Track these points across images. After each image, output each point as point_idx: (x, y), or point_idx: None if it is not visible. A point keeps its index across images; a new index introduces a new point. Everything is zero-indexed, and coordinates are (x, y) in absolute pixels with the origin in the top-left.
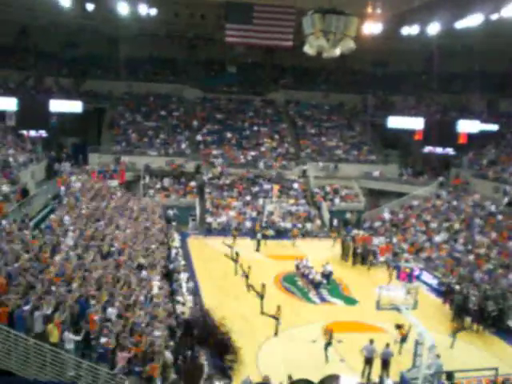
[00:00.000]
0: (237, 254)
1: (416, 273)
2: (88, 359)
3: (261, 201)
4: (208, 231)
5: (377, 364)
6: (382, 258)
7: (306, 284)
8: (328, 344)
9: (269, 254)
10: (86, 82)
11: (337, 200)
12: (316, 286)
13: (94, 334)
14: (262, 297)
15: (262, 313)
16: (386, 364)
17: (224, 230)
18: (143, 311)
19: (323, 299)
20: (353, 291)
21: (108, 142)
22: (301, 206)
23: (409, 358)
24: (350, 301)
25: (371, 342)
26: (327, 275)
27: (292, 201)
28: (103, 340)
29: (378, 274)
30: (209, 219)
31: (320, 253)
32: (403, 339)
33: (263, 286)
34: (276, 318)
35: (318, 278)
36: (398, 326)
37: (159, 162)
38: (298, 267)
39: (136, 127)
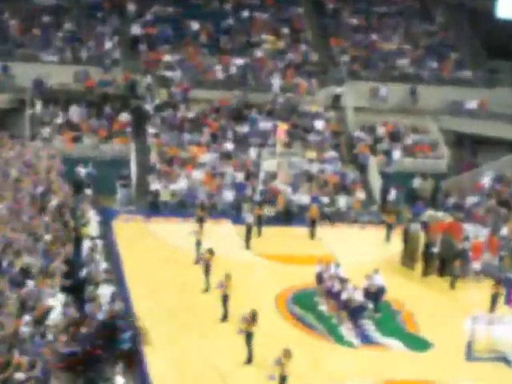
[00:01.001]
0: (210, 252)
1: None
2: None
3: (253, 152)
4: (153, 208)
5: None
6: (477, 265)
7: (336, 309)
8: None
9: (266, 253)
10: None
11: (397, 153)
12: (354, 313)
13: None
14: (248, 335)
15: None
16: None
17: (183, 206)
18: (28, 356)
19: (367, 338)
20: (423, 325)
21: None
22: (328, 164)
23: None
24: (418, 343)
25: None
26: (375, 294)
27: (312, 153)
28: None
29: (471, 293)
30: (155, 185)
31: (363, 252)
32: None
33: (252, 316)
34: (283, 378)
35: (359, 298)
36: None
37: (62, 76)
38: (320, 278)
39: (18, 7)
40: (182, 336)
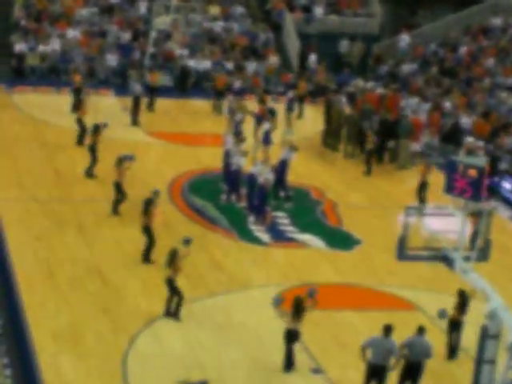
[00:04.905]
0: (96, 128)
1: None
2: None
3: (142, 6)
4: (17, 74)
5: (396, 377)
6: (415, 146)
7: (242, 197)
8: (293, 335)
9: (159, 131)
10: None
11: (319, 10)
12: (266, 200)
13: None
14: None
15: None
16: (415, 374)
17: (55, 73)
18: None
19: (280, 234)
20: (347, 218)
21: None
22: (235, 22)
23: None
24: (341, 239)
25: (386, 330)
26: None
27: (215, 9)
28: None
29: (407, 180)
30: (19, 47)
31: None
32: (455, 325)
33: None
34: (174, 290)
35: (270, 177)
36: (461, 295)
37: None
38: (228, 158)
39: None
40: (55, 233)
